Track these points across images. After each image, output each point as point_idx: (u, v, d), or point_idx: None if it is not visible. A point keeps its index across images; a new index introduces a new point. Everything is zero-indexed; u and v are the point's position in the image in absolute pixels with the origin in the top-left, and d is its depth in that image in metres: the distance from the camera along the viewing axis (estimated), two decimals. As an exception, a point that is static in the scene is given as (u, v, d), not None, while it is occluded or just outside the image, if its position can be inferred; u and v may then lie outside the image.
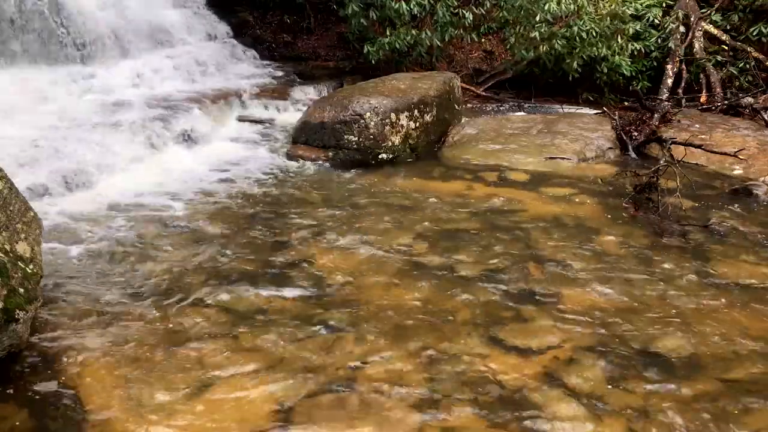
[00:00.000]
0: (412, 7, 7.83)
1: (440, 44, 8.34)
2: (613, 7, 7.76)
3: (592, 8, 7.79)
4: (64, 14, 6.48)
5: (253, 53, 8.84)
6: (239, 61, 8.51)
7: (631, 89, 7.47)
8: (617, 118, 6.41)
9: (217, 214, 4.38)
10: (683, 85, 7.91)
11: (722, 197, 4.96)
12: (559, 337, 3.02)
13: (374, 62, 8.18)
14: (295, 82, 7.93)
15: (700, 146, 5.50)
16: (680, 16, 8.18)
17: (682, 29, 8.17)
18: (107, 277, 3.47)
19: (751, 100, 7.07)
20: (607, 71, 8.06)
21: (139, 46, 7.34)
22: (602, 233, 4.20)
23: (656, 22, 8.22)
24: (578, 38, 7.74)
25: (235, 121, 6.61)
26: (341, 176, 5.27)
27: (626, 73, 8.01)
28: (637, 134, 6.15)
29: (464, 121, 6.70)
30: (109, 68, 6.71)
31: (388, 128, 5.61)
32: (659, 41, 8.24)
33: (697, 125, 6.36)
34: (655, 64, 8.27)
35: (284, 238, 4.02)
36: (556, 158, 5.65)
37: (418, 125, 5.84)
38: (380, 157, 5.59)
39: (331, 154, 5.62)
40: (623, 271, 3.68)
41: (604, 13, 7.76)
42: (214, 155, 5.63)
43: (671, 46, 8.06)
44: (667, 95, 7.57)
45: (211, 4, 9.02)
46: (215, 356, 2.81)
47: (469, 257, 3.81)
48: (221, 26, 8.88)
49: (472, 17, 8.20)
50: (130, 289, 3.35)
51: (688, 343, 2.99)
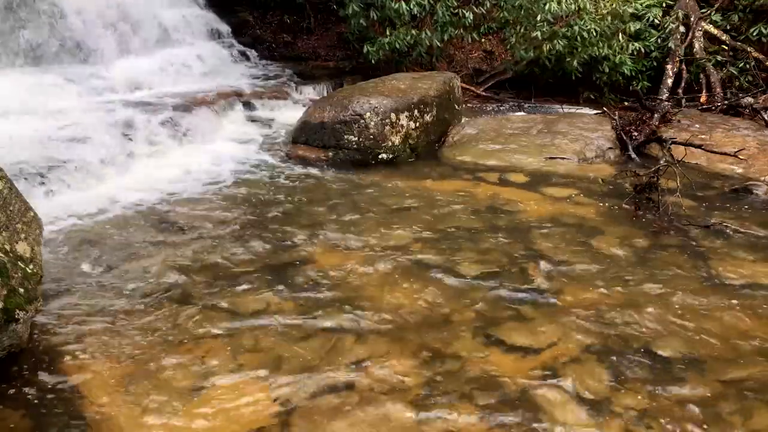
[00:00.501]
0: (412, 7, 7.83)
1: (440, 44, 8.34)
2: (613, 6, 7.76)
3: (592, 8, 7.79)
4: (63, 14, 6.48)
5: (253, 53, 8.85)
6: (239, 61, 8.52)
7: (631, 89, 7.47)
8: (617, 118, 6.41)
9: (216, 213, 4.37)
10: (683, 85, 7.91)
11: (722, 197, 4.96)
12: (559, 337, 3.02)
13: (374, 62, 8.18)
14: (295, 82, 7.93)
15: (700, 146, 5.50)
16: (680, 16, 8.18)
17: (682, 29, 8.18)
18: (107, 276, 3.47)
19: (751, 100, 7.07)
20: (607, 71, 8.06)
21: (138, 46, 7.34)
22: (602, 233, 4.20)
23: (656, 22, 8.23)
24: (579, 38, 7.74)
25: (234, 121, 6.61)
26: (341, 176, 5.27)
27: (626, 72, 8.02)
28: (637, 134, 6.15)
29: (464, 121, 6.70)
30: (108, 68, 6.71)
31: (388, 128, 5.61)
32: (659, 41, 8.24)
33: (697, 125, 6.36)
34: (655, 64, 8.28)
35: (284, 237, 4.02)
36: (556, 158, 5.65)
37: (418, 125, 5.84)
38: (380, 157, 5.59)
39: (331, 154, 5.62)
40: (623, 270, 3.68)
41: (604, 12, 7.76)
42: (213, 155, 5.63)
43: (671, 46, 8.06)
44: (667, 95, 7.57)
45: (211, 4, 9.02)
46: (215, 356, 2.81)
47: (469, 257, 3.81)
48: (221, 26, 8.88)
49: (472, 17, 8.20)
50: (129, 288, 3.35)
51: (688, 343, 2.99)
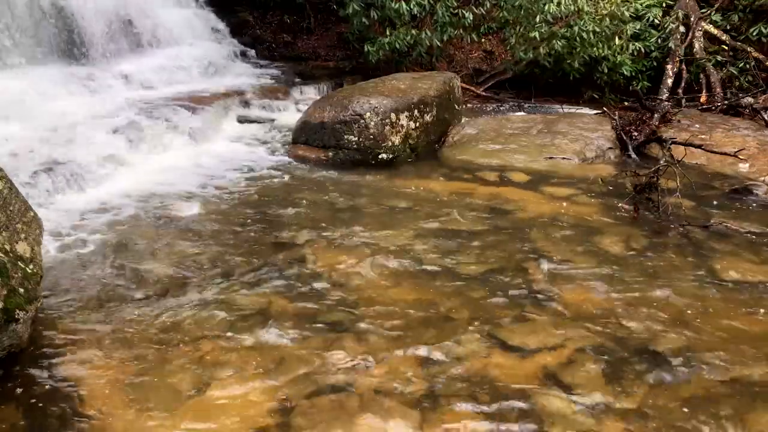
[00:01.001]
0: (412, 7, 7.83)
1: (440, 44, 8.34)
2: (612, 7, 7.76)
3: (592, 8, 7.79)
4: (63, 15, 6.48)
5: (253, 53, 8.86)
6: (239, 60, 8.52)
7: (631, 89, 7.47)
8: (617, 118, 6.40)
9: (216, 213, 4.38)
10: (683, 85, 7.91)
11: (722, 197, 4.96)
12: (559, 336, 3.02)
13: (374, 62, 8.18)
14: (295, 82, 7.93)
15: (700, 146, 5.50)
16: (680, 16, 8.18)
17: (682, 29, 8.17)
18: (107, 275, 3.47)
19: (751, 100, 7.07)
20: (607, 71, 8.06)
21: (138, 46, 7.35)
22: (602, 233, 4.19)
23: (656, 22, 8.22)
24: (578, 38, 7.74)
25: (235, 120, 6.62)
26: (341, 176, 5.27)
27: (626, 73, 8.01)
28: (637, 134, 6.15)
29: (464, 121, 6.70)
30: (107, 68, 6.72)
31: (388, 128, 5.61)
32: (659, 41, 8.24)
33: (697, 125, 6.36)
34: (655, 64, 8.27)
35: (284, 237, 4.02)
36: (556, 158, 5.65)
37: (418, 125, 5.84)
38: (380, 157, 5.59)
39: (331, 154, 5.62)
40: (623, 270, 3.68)
41: (604, 13, 7.76)
42: (213, 155, 5.64)
43: (671, 46, 8.06)
44: (667, 95, 7.56)
45: (211, 3, 9.02)
46: (215, 356, 2.81)
47: (468, 257, 3.81)
48: (221, 26, 8.89)
49: (472, 17, 8.20)
50: (129, 287, 3.36)
51: (688, 342, 2.99)
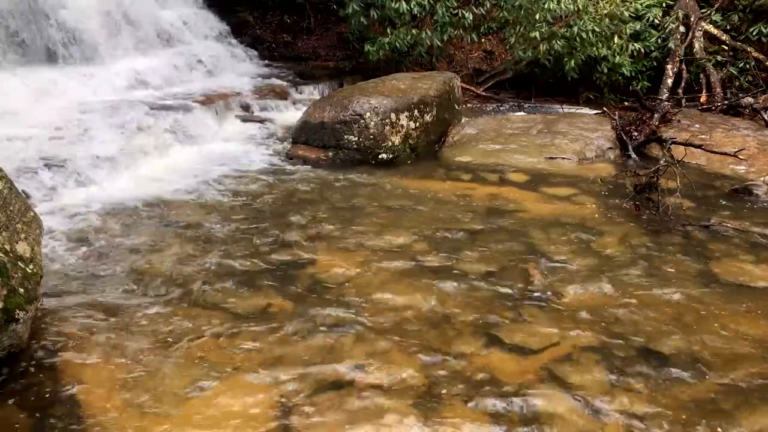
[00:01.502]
0: (412, 6, 7.84)
1: (440, 44, 8.34)
2: (612, 7, 7.76)
3: (591, 8, 7.79)
4: (63, 15, 6.49)
5: (253, 53, 8.86)
6: (239, 60, 8.53)
7: (631, 89, 7.47)
8: (617, 118, 6.40)
9: (216, 213, 4.37)
10: (683, 85, 7.91)
11: (722, 197, 4.96)
12: (559, 336, 3.02)
13: (374, 62, 8.19)
14: (295, 82, 7.94)
15: (700, 146, 5.50)
16: (680, 16, 8.18)
17: (682, 29, 8.17)
18: (107, 275, 3.47)
19: (751, 100, 7.07)
20: (607, 71, 8.06)
21: (138, 46, 7.35)
22: (602, 233, 4.19)
23: (656, 22, 8.23)
24: (578, 38, 7.74)
25: (235, 120, 6.62)
26: (341, 176, 5.27)
27: (626, 73, 8.01)
28: (637, 134, 6.15)
29: (464, 121, 6.70)
30: (108, 68, 6.72)
31: (388, 128, 5.61)
32: (659, 41, 8.24)
33: (697, 125, 6.36)
34: (655, 64, 8.28)
35: (284, 237, 4.02)
36: (556, 158, 5.65)
37: (418, 125, 5.84)
38: (380, 157, 5.59)
39: (331, 154, 5.62)
40: (623, 271, 3.68)
41: (604, 13, 7.76)
42: (214, 155, 5.64)
43: (671, 46, 8.06)
44: (667, 95, 7.57)
45: (211, 4, 9.03)
46: (215, 356, 2.81)
47: (469, 257, 3.81)
48: (221, 26, 8.89)
49: (472, 17, 8.21)
50: (129, 287, 3.36)
51: (688, 343, 2.99)
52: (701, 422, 2.49)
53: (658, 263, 3.79)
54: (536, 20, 7.69)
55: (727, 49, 8.21)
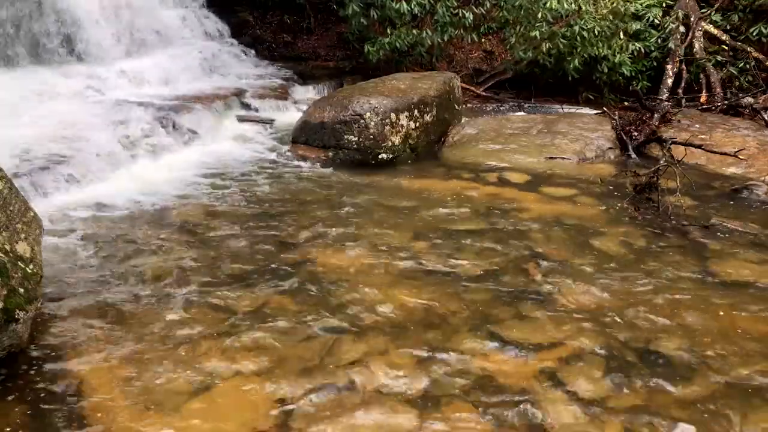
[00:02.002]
0: (412, 6, 7.83)
1: (440, 44, 8.34)
2: (614, 5, 7.76)
3: (592, 8, 7.79)
4: (63, 15, 6.48)
5: (253, 53, 8.86)
6: (239, 61, 8.52)
7: (631, 89, 7.47)
8: (617, 118, 6.40)
9: (216, 213, 4.37)
10: (683, 85, 7.90)
11: (722, 197, 4.96)
12: (559, 336, 3.02)
13: (374, 62, 8.18)
14: (295, 82, 7.93)
15: (700, 146, 5.50)
16: (680, 16, 8.18)
17: (682, 29, 8.17)
18: (107, 274, 3.47)
19: (751, 100, 7.07)
20: (607, 71, 8.06)
21: (138, 46, 7.35)
22: (602, 233, 4.19)
23: (656, 22, 8.22)
24: (578, 38, 7.74)
25: (235, 120, 6.62)
26: (341, 176, 5.27)
27: (626, 73, 8.01)
28: (637, 134, 6.15)
29: (464, 121, 6.70)
30: (108, 68, 6.72)
31: (388, 128, 5.61)
32: (659, 41, 8.23)
33: (697, 125, 6.36)
34: (655, 64, 8.27)
35: (284, 237, 4.02)
36: (556, 158, 5.65)
37: (418, 125, 5.84)
38: (380, 157, 5.59)
39: (331, 154, 5.62)
40: (623, 270, 3.68)
41: (604, 12, 7.76)
42: (214, 155, 5.64)
43: (671, 46, 8.06)
44: (667, 95, 7.56)
45: (211, 4, 9.02)
46: (216, 356, 2.81)
47: (469, 257, 3.81)
48: (221, 26, 8.89)
49: (472, 17, 8.20)
50: (129, 287, 3.35)
51: (688, 342, 2.99)
52: (702, 422, 2.49)
53: (657, 263, 3.78)
54: (537, 20, 7.68)
55: (727, 49, 8.20)
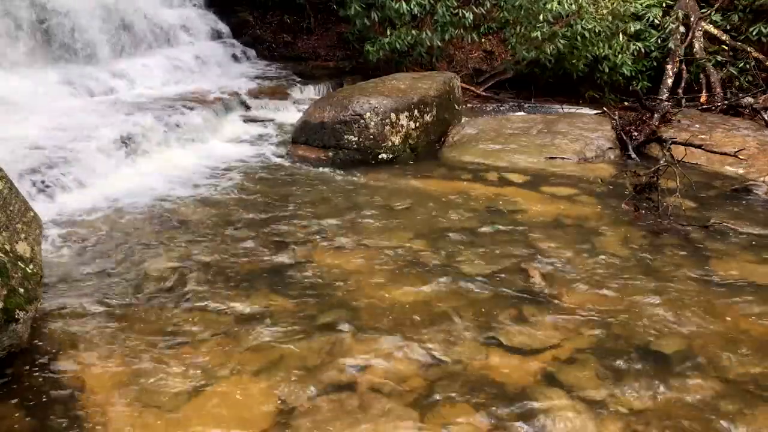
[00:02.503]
0: (412, 7, 7.83)
1: (440, 44, 8.34)
2: (614, 5, 7.76)
3: (592, 8, 7.79)
4: (63, 15, 6.48)
5: (253, 53, 8.86)
6: (239, 61, 8.53)
7: (631, 89, 7.47)
8: (617, 118, 6.41)
9: (216, 213, 4.38)
10: (683, 85, 7.91)
11: (722, 197, 4.96)
12: (559, 337, 3.02)
13: (374, 62, 8.18)
14: (295, 82, 7.93)
15: (700, 146, 5.50)
16: (680, 16, 8.18)
17: (682, 29, 8.17)
18: (107, 274, 3.47)
19: (751, 100, 7.07)
20: (607, 71, 8.06)
21: (138, 46, 7.36)
22: (602, 233, 4.20)
23: (656, 22, 8.23)
24: (579, 38, 7.74)
25: (235, 120, 6.62)
26: (341, 176, 5.27)
27: (626, 72, 8.01)
28: (637, 134, 6.15)
29: (464, 121, 6.70)
30: (108, 68, 6.72)
31: (388, 128, 5.61)
32: (659, 41, 8.24)
33: (697, 125, 6.36)
34: (655, 64, 8.28)
35: (284, 237, 4.02)
36: (556, 158, 5.65)
37: (418, 125, 5.84)
38: (380, 157, 5.59)
39: (331, 154, 5.62)
40: (623, 271, 3.68)
41: (604, 12, 7.76)
42: (214, 155, 5.64)
43: (671, 46, 8.06)
44: (667, 95, 7.57)
45: (211, 4, 9.03)
46: (215, 356, 2.81)
47: (469, 257, 3.81)
48: (221, 26, 8.89)
49: (472, 17, 8.20)
50: (129, 287, 3.35)
51: (688, 342, 2.99)
52: (702, 422, 2.49)
53: (657, 263, 3.79)
54: (537, 20, 7.68)
55: (727, 49, 8.20)
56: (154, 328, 3.00)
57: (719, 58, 8.13)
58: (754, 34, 8.04)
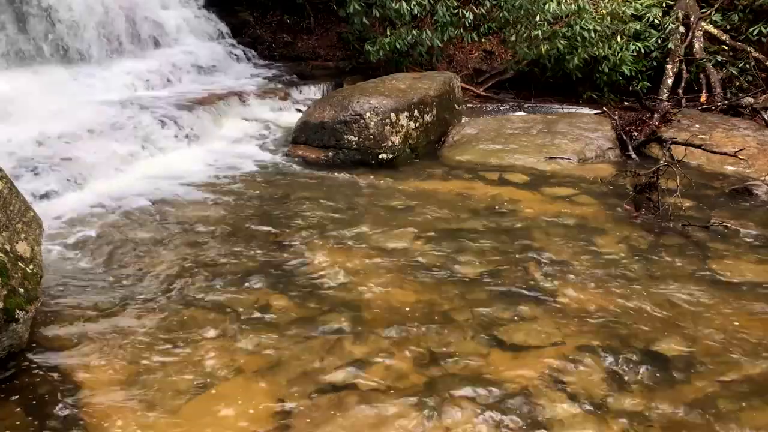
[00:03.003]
0: (412, 7, 7.83)
1: (440, 44, 8.33)
2: (613, 6, 7.76)
3: (591, 8, 7.79)
4: (63, 15, 6.48)
5: (253, 53, 8.85)
6: (239, 61, 8.52)
7: (631, 89, 7.47)
8: (617, 118, 6.41)
9: (216, 213, 4.37)
10: (683, 85, 7.90)
11: (722, 197, 4.96)
12: (559, 337, 3.02)
13: (374, 62, 8.18)
14: (295, 82, 7.93)
15: (700, 146, 5.50)
16: (680, 16, 8.17)
17: (682, 29, 8.17)
18: (107, 274, 3.47)
19: (751, 100, 7.06)
20: (607, 71, 8.06)
21: (138, 46, 7.35)
22: (602, 233, 4.19)
23: (656, 22, 8.22)
24: (579, 38, 7.74)
25: (235, 121, 6.61)
26: (341, 176, 5.27)
27: (626, 73, 8.01)
28: (637, 134, 6.15)
29: (464, 121, 6.70)
30: (108, 69, 6.72)
31: (388, 128, 5.61)
32: (659, 41, 8.23)
33: (697, 125, 6.36)
34: (655, 64, 8.26)
35: (284, 238, 4.02)
36: (556, 158, 5.65)
37: (418, 125, 5.84)
38: (380, 157, 5.59)
39: (331, 154, 5.62)
40: (623, 271, 3.68)
41: (604, 12, 7.76)
42: (214, 155, 5.63)
43: (671, 46, 8.05)
44: (667, 95, 7.56)
45: (210, 4, 9.02)
46: (215, 356, 2.81)
47: (469, 257, 3.81)
48: (221, 26, 8.88)
49: (472, 17, 8.19)
50: (129, 287, 3.35)
51: (688, 342, 2.99)
52: (702, 422, 2.49)
53: (657, 263, 3.79)
54: (537, 20, 7.68)
55: (727, 49, 8.20)
56: (153, 328, 3.00)
57: (719, 58, 8.12)
58: (754, 34, 8.03)
